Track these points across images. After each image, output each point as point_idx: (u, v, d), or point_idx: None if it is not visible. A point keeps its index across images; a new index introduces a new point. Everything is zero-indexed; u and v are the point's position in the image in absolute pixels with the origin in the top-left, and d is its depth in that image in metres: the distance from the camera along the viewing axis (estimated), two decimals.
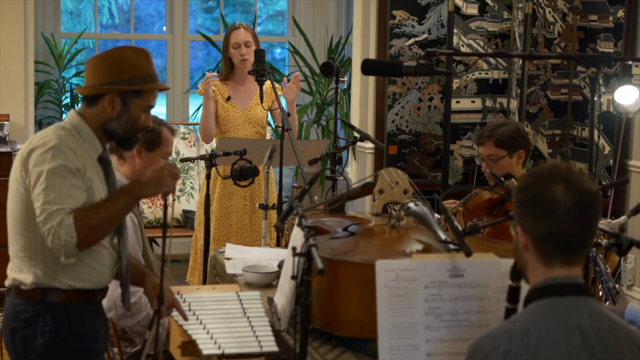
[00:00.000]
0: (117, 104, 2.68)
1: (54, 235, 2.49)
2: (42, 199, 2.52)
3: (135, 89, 2.68)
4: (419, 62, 2.66)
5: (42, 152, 2.57)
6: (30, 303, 2.65)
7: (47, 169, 2.54)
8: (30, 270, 2.63)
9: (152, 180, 2.59)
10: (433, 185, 5.80)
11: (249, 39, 4.87)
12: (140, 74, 2.69)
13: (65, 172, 2.55)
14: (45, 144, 2.59)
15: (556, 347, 1.87)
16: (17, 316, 2.66)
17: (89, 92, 2.70)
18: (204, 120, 4.84)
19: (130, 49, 2.76)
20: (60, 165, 2.55)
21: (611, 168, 4.96)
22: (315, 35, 7.23)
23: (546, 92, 5.41)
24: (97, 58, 2.72)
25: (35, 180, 2.55)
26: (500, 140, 3.65)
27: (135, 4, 7.43)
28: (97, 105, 2.69)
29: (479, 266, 2.35)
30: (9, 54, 5.75)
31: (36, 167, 2.56)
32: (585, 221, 1.93)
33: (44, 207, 2.51)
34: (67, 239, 2.49)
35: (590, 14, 5.18)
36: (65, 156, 2.57)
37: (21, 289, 2.65)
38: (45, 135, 2.63)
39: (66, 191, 2.53)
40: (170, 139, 3.47)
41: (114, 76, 2.66)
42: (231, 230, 4.93)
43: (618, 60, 4.72)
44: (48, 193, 2.52)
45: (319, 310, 2.56)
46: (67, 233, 2.49)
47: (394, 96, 5.84)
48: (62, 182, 2.54)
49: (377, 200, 3.01)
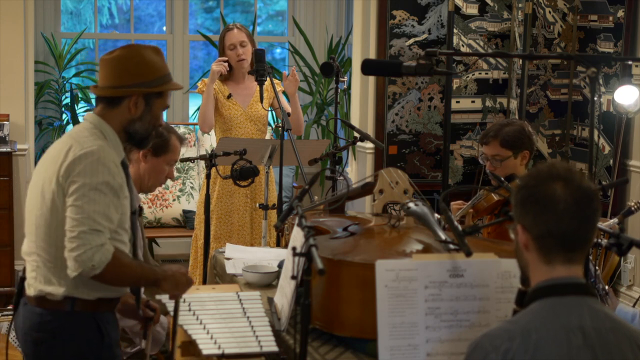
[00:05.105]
0: (140, 105, 2.66)
1: (85, 253, 2.47)
2: (80, 212, 2.49)
3: (159, 90, 2.67)
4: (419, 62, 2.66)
5: (87, 163, 2.53)
6: (57, 313, 2.61)
7: (90, 183, 2.51)
8: (60, 282, 2.58)
9: (173, 279, 2.64)
10: (433, 185, 5.80)
11: (243, 39, 4.89)
12: (162, 75, 2.69)
13: (107, 189, 2.53)
14: (88, 155, 2.55)
15: (556, 347, 1.87)
16: (42, 326, 2.62)
17: (113, 93, 2.66)
18: (204, 107, 4.83)
19: (149, 49, 2.71)
20: (103, 181, 2.53)
21: (611, 168, 4.96)
22: (315, 35, 7.23)
23: (546, 92, 5.41)
24: (116, 58, 2.67)
25: (75, 191, 2.51)
26: (506, 140, 3.62)
27: (135, 4, 7.43)
28: (120, 106, 2.66)
29: (479, 266, 2.35)
30: (9, 54, 5.75)
31: (79, 177, 2.52)
32: (585, 218, 1.94)
33: (82, 220, 2.48)
34: (97, 265, 2.48)
35: (590, 14, 5.18)
36: (108, 171, 2.55)
37: (47, 299, 2.60)
38: (85, 144, 2.58)
39: (104, 210, 2.51)
40: (177, 147, 3.47)
41: (138, 77, 2.64)
42: (232, 229, 4.93)
43: (618, 60, 4.72)
44: (87, 207, 2.49)
45: (319, 310, 2.56)
46: (101, 261, 2.48)
47: (394, 96, 5.84)
48: (102, 199, 2.52)
49: (377, 200, 3.01)
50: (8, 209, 5.49)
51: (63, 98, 6.65)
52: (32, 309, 2.64)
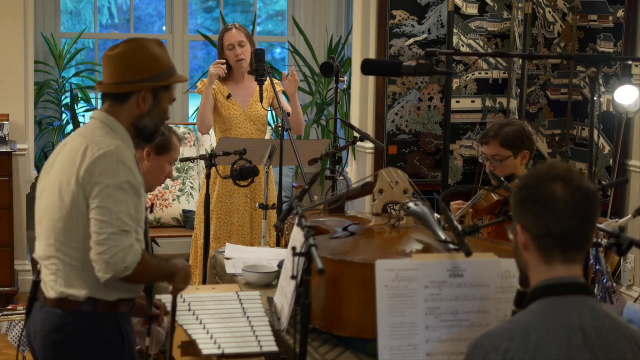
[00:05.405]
0: (148, 100, 2.64)
1: (117, 255, 2.45)
2: (107, 214, 2.47)
3: (167, 83, 2.65)
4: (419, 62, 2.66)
5: (108, 163, 2.51)
6: (79, 314, 2.58)
7: (114, 183, 2.49)
8: (82, 285, 2.56)
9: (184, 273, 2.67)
10: (433, 185, 5.80)
11: (242, 39, 4.88)
12: (168, 68, 2.67)
13: (130, 188, 2.52)
14: (108, 155, 2.52)
15: (556, 347, 1.87)
16: (63, 328, 2.59)
17: (121, 89, 2.63)
18: (202, 108, 4.82)
19: (153, 42, 2.68)
20: (126, 180, 2.51)
21: (611, 168, 4.96)
22: (315, 35, 7.23)
23: (546, 92, 5.41)
24: (121, 54, 2.63)
25: (100, 192, 2.49)
26: (506, 140, 3.62)
27: (135, 4, 7.43)
28: (128, 102, 2.64)
29: (479, 266, 2.35)
30: (9, 54, 5.75)
31: (102, 178, 2.50)
32: (585, 218, 1.94)
33: (111, 222, 2.46)
34: (130, 266, 2.47)
35: (590, 14, 5.18)
36: (129, 170, 2.53)
37: (70, 300, 2.58)
38: (102, 143, 2.55)
39: (130, 210, 2.50)
40: (178, 147, 3.50)
41: (146, 72, 2.61)
42: (232, 229, 4.93)
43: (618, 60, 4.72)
44: (114, 208, 2.48)
45: (319, 310, 2.56)
46: (133, 262, 2.47)
47: (394, 96, 5.84)
48: (127, 199, 2.50)
49: (377, 200, 3.01)
50: (8, 209, 5.49)
51: (63, 98, 6.65)
52: (52, 311, 2.60)
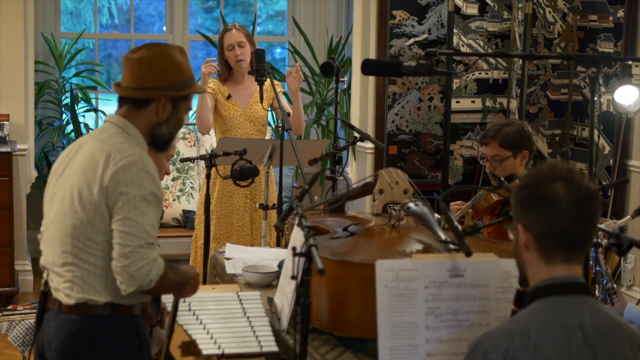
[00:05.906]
0: (167, 108, 2.61)
1: (143, 268, 2.42)
2: (134, 225, 2.43)
3: (187, 93, 2.63)
4: (419, 62, 2.66)
5: (133, 173, 2.47)
6: (98, 318, 2.54)
7: (140, 194, 2.46)
8: (101, 292, 2.52)
9: (194, 282, 2.63)
10: (433, 185, 5.80)
11: (242, 39, 4.88)
12: (189, 77, 2.64)
13: (153, 199, 2.49)
14: (132, 164, 2.48)
15: (556, 347, 1.87)
16: (81, 334, 2.53)
17: (142, 95, 2.59)
18: (199, 109, 4.83)
19: (176, 49, 2.65)
20: (151, 191, 2.48)
21: (611, 168, 4.96)
22: (315, 35, 7.23)
23: (546, 92, 5.41)
24: (144, 59, 2.59)
25: (126, 203, 2.45)
26: (505, 141, 3.62)
27: (135, 4, 7.43)
28: (147, 108, 2.60)
29: (479, 266, 2.35)
30: (9, 54, 5.75)
31: (128, 188, 2.45)
32: (586, 218, 1.94)
33: (137, 234, 2.43)
34: (154, 279, 2.44)
35: (590, 14, 5.18)
36: (153, 180, 2.50)
37: (89, 305, 2.53)
38: (125, 152, 2.51)
39: (153, 221, 2.48)
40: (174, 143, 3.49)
41: (168, 80, 2.58)
42: (232, 229, 4.93)
43: (618, 60, 4.72)
44: (140, 220, 2.44)
45: (319, 310, 2.56)
46: (157, 275, 2.44)
47: (394, 96, 5.84)
48: (151, 210, 2.47)
49: (377, 200, 3.01)
50: (8, 209, 5.49)
51: (63, 98, 6.66)
52: (69, 317, 2.55)
